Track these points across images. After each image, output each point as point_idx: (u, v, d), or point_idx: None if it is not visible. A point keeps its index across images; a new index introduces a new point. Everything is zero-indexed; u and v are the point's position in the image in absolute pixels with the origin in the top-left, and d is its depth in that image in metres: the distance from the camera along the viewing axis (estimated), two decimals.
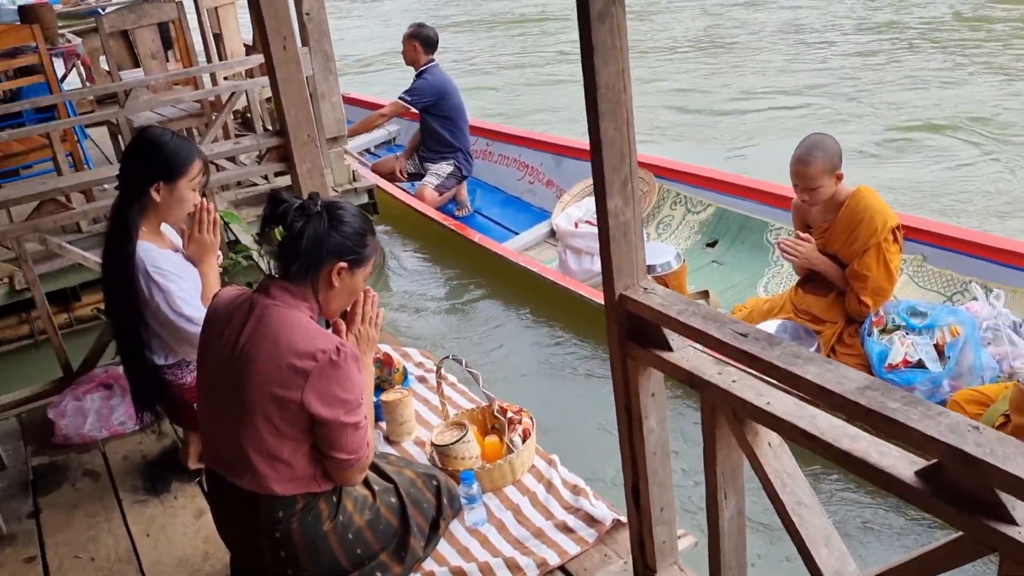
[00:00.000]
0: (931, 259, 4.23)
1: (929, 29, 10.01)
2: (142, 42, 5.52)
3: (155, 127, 2.83)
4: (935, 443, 1.36)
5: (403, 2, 17.04)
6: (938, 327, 3.50)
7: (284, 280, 2.16)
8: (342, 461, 2.15)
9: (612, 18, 1.72)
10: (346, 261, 2.17)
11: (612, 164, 1.83)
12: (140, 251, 2.69)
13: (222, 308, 2.23)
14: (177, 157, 2.72)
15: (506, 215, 6.36)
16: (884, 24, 10.50)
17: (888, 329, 3.58)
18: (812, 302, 3.87)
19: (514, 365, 4.64)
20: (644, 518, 2.21)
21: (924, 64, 8.92)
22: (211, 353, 2.22)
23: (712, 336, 1.75)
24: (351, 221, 2.18)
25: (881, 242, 3.56)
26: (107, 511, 3.02)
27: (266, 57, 3.60)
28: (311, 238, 2.11)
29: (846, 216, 3.63)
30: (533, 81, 10.60)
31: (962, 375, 3.41)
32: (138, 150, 2.74)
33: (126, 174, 2.75)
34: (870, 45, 9.74)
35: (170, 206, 2.77)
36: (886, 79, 8.48)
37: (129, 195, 2.72)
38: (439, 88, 6.18)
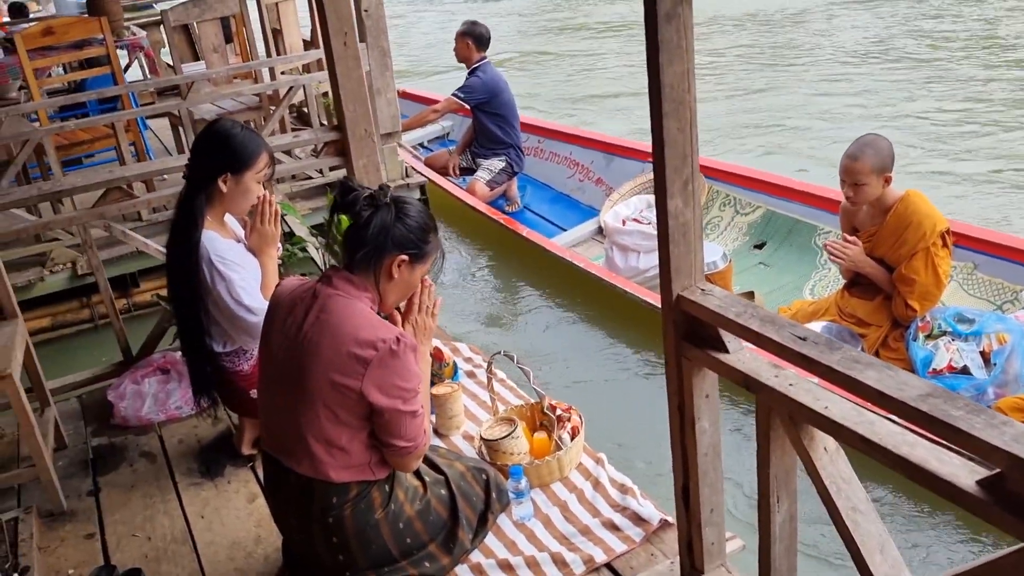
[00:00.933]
0: (982, 267, 4.18)
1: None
2: (204, 36, 5.64)
3: (224, 120, 2.89)
4: (998, 452, 1.35)
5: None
6: (985, 334, 3.46)
7: (347, 271, 2.22)
8: (400, 448, 2.20)
9: (679, 18, 1.73)
10: (407, 254, 2.22)
11: (674, 164, 1.84)
12: (205, 240, 2.75)
13: (286, 297, 2.29)
14: (245, 149, 2.78)
15: (555, 212, 6.39)
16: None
17: (934, 335, 3.56)
18: (858, 305, 3.85)
19: (561, 361, 4.65)
20: (693, 519, 2.21)
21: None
22: (274, 340, 2.27)
23: (771, 339, 1.75)
24: (416, 216, 2.23)
25: (930, 246, 3.54)
26: (163, 492, 3.09)
27: (326, 52, 3.66)
28: (377, 227, 2.17)
29: (894, 220, 3.61)
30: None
31: (1008, 383, 3.37)
32: (208, 141, 2.81)
33: (195, 164, 2.81)
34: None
35: (236, 197, 2.83)
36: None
37: (197, 185, 2.79)
38: (491, 86, 6.22)
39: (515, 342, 4.89)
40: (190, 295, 2.79)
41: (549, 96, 9.76)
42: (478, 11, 14.28)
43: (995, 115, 7.62)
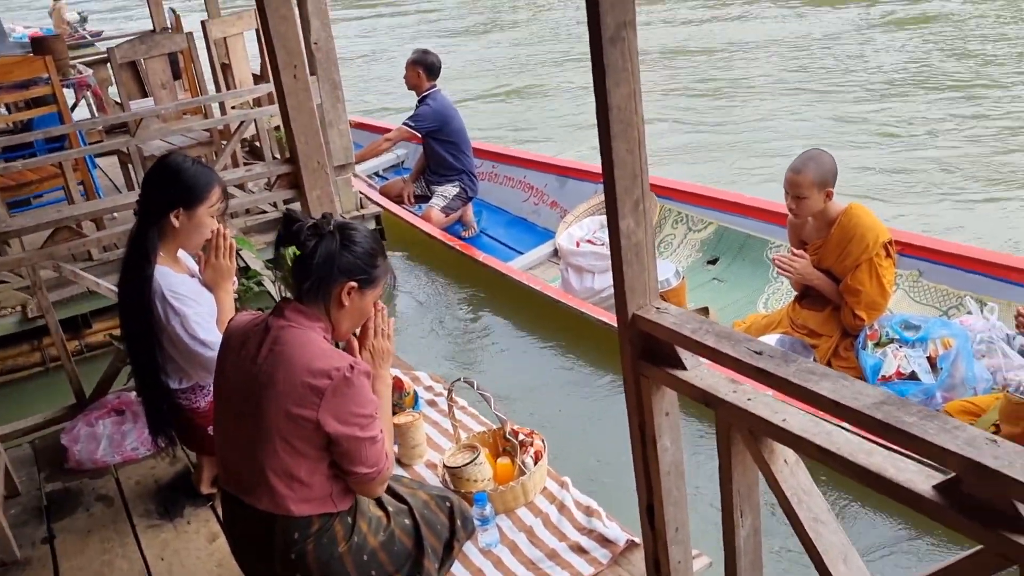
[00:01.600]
0: (927, 274, 4.29)
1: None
2: (153, 72, 5.59)
3: (176, 154, 2.87)
4: (953, 456, 1.37)
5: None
6: (931, 340, 3.56)
7: (298, 302, 2.20)
8: (363, 475, 2.18)
9: (624, 42, 1.75)
10: (357, 280, 2.20)
11: (624, 184, 1.85)
12: (158, 275, 2.72)
13: (238, 331, 2.26)
14: (197, 184, 2.76)
15: (511, 235, 6.43)
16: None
17: (882, 342, 3.65)
18: (808, 316, 3.95)
19: (521, 385, 4.65)
20: (659, 538, 2.21)
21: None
22: (227, 375, 2.24)
23: (727, 354, 1.76)
24: (362, 242, 2.21)
25: (873, 257, 3.64)
26: (121, 536, 3.02)
27: (276, 86, 3.65)
28: (323, 256, 2.15)
29: (838, 233, 3.71)
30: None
31: (955, 387, 3.46)
32: (159, 176, 2.78)
33: (146, 200, 2.78)
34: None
35: (189, 232, 2.80)
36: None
37: (148, 220, 2.76)
38: (442, 114, 6.27)
39: (476, 368, 4.88)
40: (144, 332, 2.74)
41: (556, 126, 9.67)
42: (465, 45, 14.28)
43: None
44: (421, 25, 16.54)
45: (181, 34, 5.69)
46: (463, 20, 16.27)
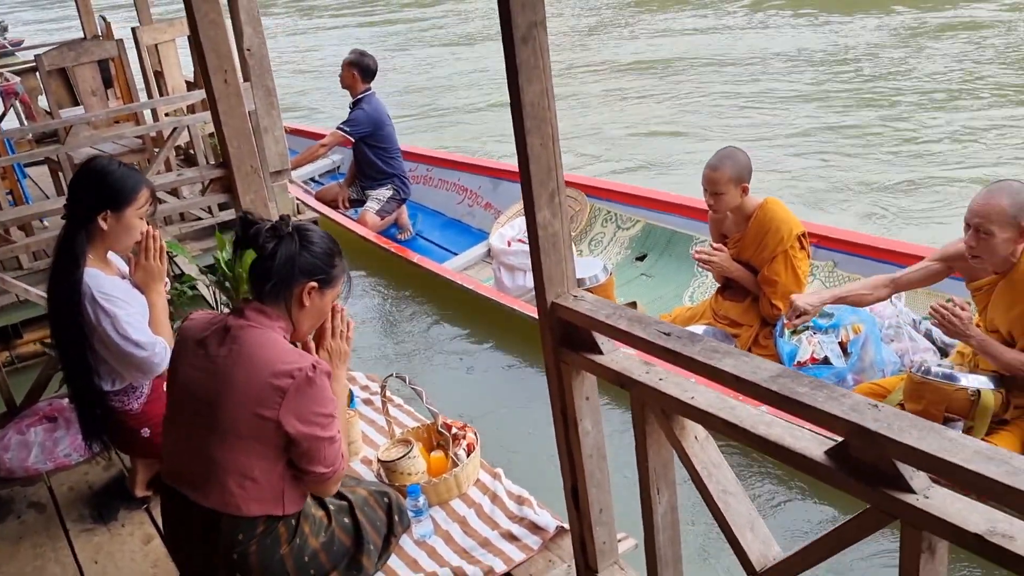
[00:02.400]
0: (841, 264, 4.54)
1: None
2: (82, 79, 5.53)
3: (101, 157, 2.87)
4: (839, 421, 1.48)
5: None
6: (842, 326, 3.77)
7: (258, 301, 2.23)
8: (321, 475, 2.21)
9: (535, 40, 1.83)
10: (316, 281, 2.25)
11: (539, 178, 1.93)
12: (87, 278, 2.72)
13: (196, 330, 2.28)
14: (125, 186, 2.77)
15: (446, 237, 6.52)
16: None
17: (798, 330, 3.84)
18: (729, 307, 4.14)
19: (457, 381, 4.74)
20: (584, 519, 2.29)
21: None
22: (182, 374, 2.25)
23: (638, 336, 1.85)
24: (320, 242, 2.27)
25: (788, 249, 3.85)
26: (53, 541, 3.01)
27: (207, 91, 3.67)
28: (283, 257, 2.19)
29: (755, 226, 3.91)
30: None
31: (864, 369, 3.66)
32: (86, 179, 2.78)
33: (73, 203, 2.78)
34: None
35: (117, 234, 2.80)
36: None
37: (76, 224, 2.76)
38: (375, 118, 6.33)
39: (412, 366, 4.94)
40: (75, 335, 2.74)
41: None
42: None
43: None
44: (413, 33, 16.27)
45: (112, 41, 5.64)
46: (459, 28, 16.02)
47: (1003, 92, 8.54)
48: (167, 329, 2.89)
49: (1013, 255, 3.02)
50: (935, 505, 1.42)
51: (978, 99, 8.45)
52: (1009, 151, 7.18)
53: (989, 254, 3.02)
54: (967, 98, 8.52)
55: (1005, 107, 8.19)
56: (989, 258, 3.04)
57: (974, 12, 11.42)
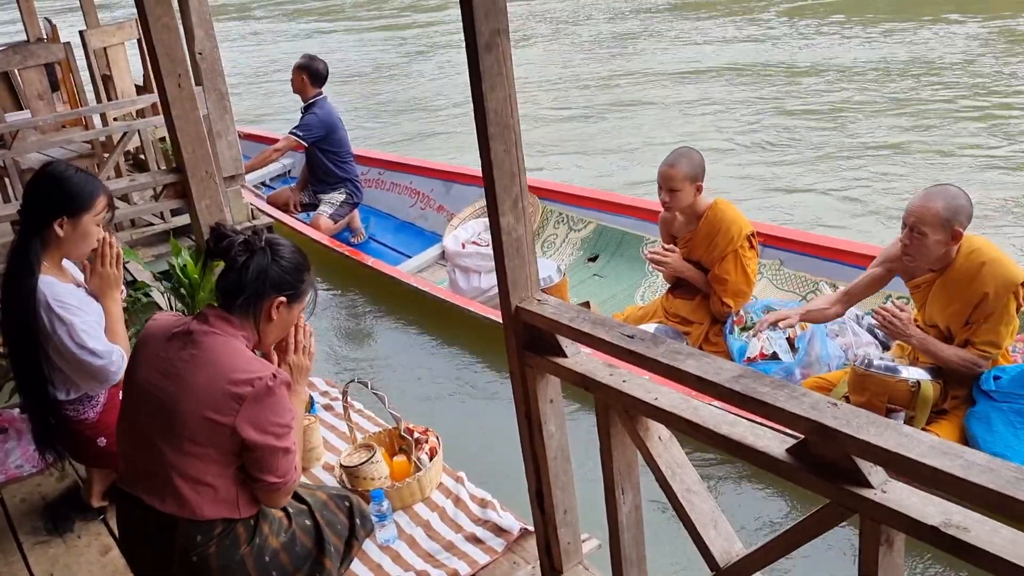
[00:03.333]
0: (787, 263, 4.67)
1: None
2: (29, 83, 5.42)
3: (58, 162, 2.82)
4: (800, 420, 1.52)
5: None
6: None
7: (224, 310, 2.22)
8: (270, 484, 2.20)
9: (498, 47, 1.85)
10: (285, 295, 2.26)
11: (503, 183, 1.95)
12: (42, 285, 2.67)
13: (158, 332, 2.26)
14: (82, 192, 2.72)
15: (400, 240, 6.53)
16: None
17: (748, 327, 3.97)
18: (680, 306, 4.24)
19: (415, 385, 4.73)
20: (549, 521, 2.32)
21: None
22: (140, 375, 2.24)
23: (602, 339, 1.88)
24: (290, 257, 2.28)
25: (738, 248, 3.97)
26: (6, 555, 2.94)
27: (160, 95, 3.64)
28: (255, 271, 2.19)
29: (705, 226, 4.02)
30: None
31: (811, 364, 3.78)
32: (42, 185, 2.73)
33: (28, 209, 2.73)
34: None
35: (74, 241, 2.76)
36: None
37: (31, 230, 2.71)
38: (327, 122, 6.32)
39: (369, 371, 4.92)
40: (29, 344, 2.69)
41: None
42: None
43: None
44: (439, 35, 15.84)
45: (58, 44, 5.53)
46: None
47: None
48: (123, 337, 2.86)
49: (948, 255, 3.17)
50: (892, 499, 1.47)
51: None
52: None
53: (922, 254, 3.18)
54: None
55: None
56: (922, 258, 3.20)
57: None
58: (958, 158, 7.24)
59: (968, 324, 3.19)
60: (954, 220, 3.07)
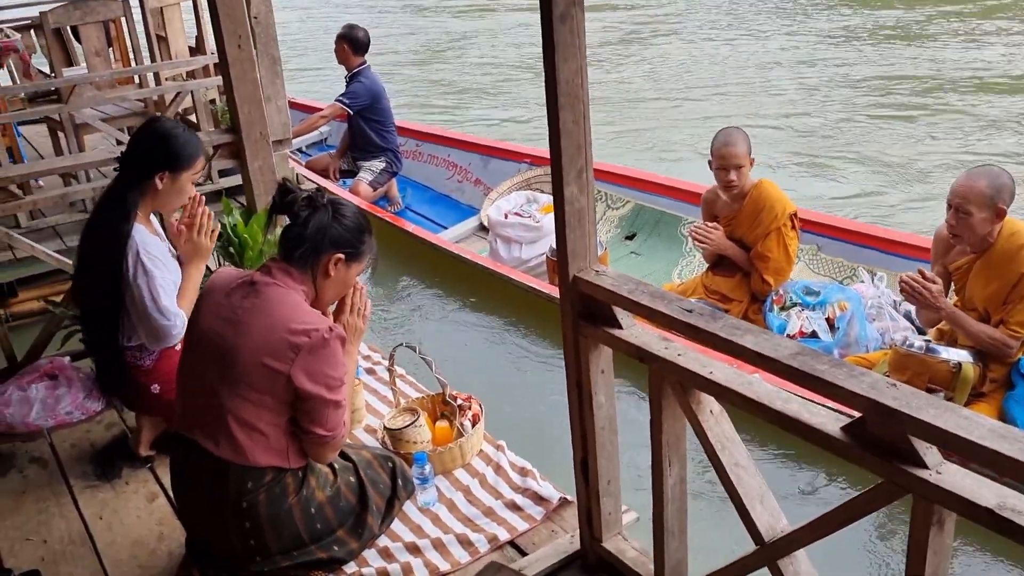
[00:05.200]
0: (824, 248, 4.71)
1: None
2: (87, 38, 5.50)
3: (166, 118, 2.93)
4: (859, 398, 1.54)
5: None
6: (829, 303, 3.94)
7: (286, 263, 2.31)
8: (319, 437, 2.27)
9: (573, 19, 1.88)
10: (344, 253, 2.34)
11: (569, 154, 1.98)
12: (135, 233, 2.78)
13: (221, 284, 2.36)
14: (185, 149, 2.83)
15: (435, 211, 6.60)
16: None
17: (787, 306, 4.01)
18: (721, 283, 4.31)
19: (457, 352, 4.78)
20: (592, 490, 2.36)
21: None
22: (203, 323, 2.32)
23: (661, 312, 1.91)
24: (352, 217, 2.36)
25: (781, 227, 4.04)
26: (57, 496, 3.03)
27: (220, 56, 3.69)
28: (316, 226, 2.28)
29: (750, 204, 4.10)
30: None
31: (849, 344, 3.84)
32: (150, 138, 2.83)
33: (132, 159, 2.83)
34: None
35: (170, 196, 2.87)
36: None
37: (132, 179, 2.81)
38: (373, 91, 6.37)
39: (408, 337, 4.98)
40: (112, 288, 2.78)
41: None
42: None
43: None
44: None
45: (116, 2, 5.59)
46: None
47: None
48: (191, 307, 2.94)
49: (990, 235, 3.24)
50: (947, 480, 1.49)
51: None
52: None
53: (968, 232, 3.24)
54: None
55: None
56: (968, 236, 3.26)
57: None
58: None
59: (1005, 304, 3.24)
60: (997, 198, 3.14)
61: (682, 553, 2.23)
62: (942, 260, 3.48)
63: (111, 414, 3.47)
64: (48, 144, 6.22)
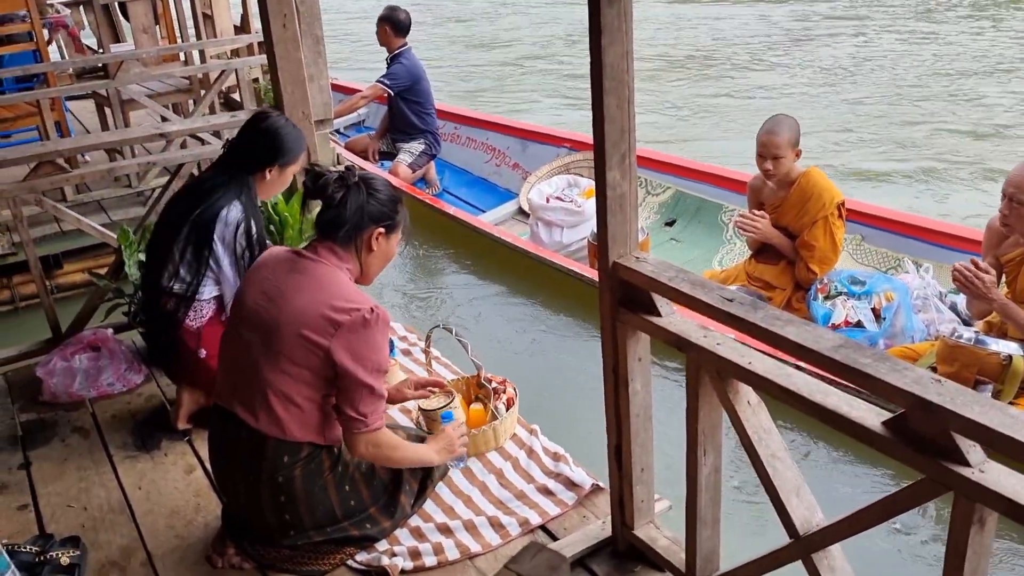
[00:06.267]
0: (869, 238, 4.67)
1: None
2: (135, 15, 5.57)
3: (276, 114, 3.08)
4: (902, 393, 1.52)
5: None
6: (875, 293, 3.90)
7: (331, 242, 2.34)
8: (353, 421, 2.28)
9: (620, 3, 1.86)
10: (383, 226, 2.38)
11: (613, 139, 1.97)
12: (249, 212, 2.94)
13: (270, 260, 2.43)
14: (295, 146, 3.01)
15: (473, 195, 6.62)
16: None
17: (831, 295, 3.98)
18: (764, 270, 4.29)
19: (493, 335, 4.80)
20: (625, 477, 2.35)
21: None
22: (250, 296, 2.37)
23: (701, 300, 1.89)
24: (384, 190, 2.39)
25: (828, 216, 4.01)
26: (97, 465, 3.09)
27: (265, 34, 3.71)
28: (354, 205, 2.32)
29: (797, 193, 4.06)
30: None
31: (895, 335, 3.81)
32: (261, 134, 2.98)
33: (243, 152, 2.97)
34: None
35: (274, 186, 3.06)
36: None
37: (241, 170, 2.96)
38: (414, 72, 6.38)
39: (445, 319, 5.01)
40: (201, 260, 2.91)
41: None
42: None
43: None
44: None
45: None
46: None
47: None
48: None
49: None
50: (990, 479, 1.46)
51: None
52: None
53: (1021, 223, 3.25)
54: None
55: None
56: (1021, 227, 3.27)
57: None
58: None
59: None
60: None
61: (714, 543, 2.21)
62: (994, 251, 3.44)
63: (151, 387, 3.53)
64: (94, 119, 6.32)
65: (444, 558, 2.49)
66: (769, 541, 2.01)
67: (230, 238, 2.91)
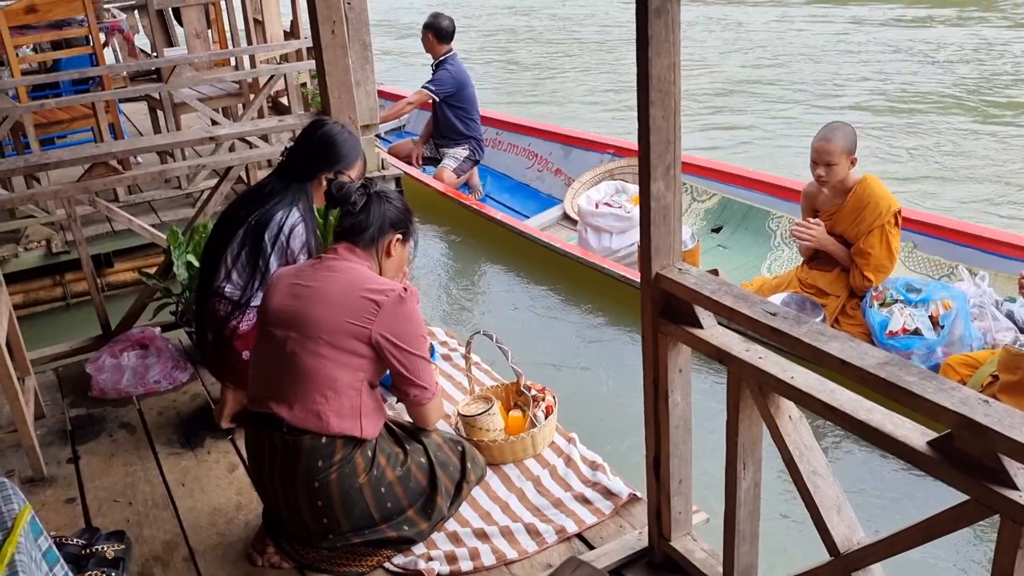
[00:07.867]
0: (921, 246, 4.63)
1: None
2: (188, 20, 5.69)
3: (334, 123, 3.12)
4: (948, 413, 1.50)
5: None
6: (932, 301, 3.89)
7: (353, 244, 2.46)
8: (418, 395, 2.45)
9: (668, 14, 1.86)
10: (401, 233, 2.53)
11: (658, 150, 1.97)
12: (306, 217, 3.01)
13: (287, 272, 2.55)
14: (351, 154, 3.06)
15: (516, 200, 6.65)
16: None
17: (887, 303, 3.97)
18: (818, 277, 4.26)
19: (533, 342, 4.80)
20: (663, 489, 2.34)
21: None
22: (274, 308, 2.45)
23: (744, 314, 1.88)
24: (399, 201, 2.57)
25: (885, 224, 3.98)
26: (143, 461, 3.16)
27: (314, 40, 3.75)
28: (376, 212, 2.47)
29: (854, 200, 4.04)
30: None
31: (953, 343, 3.78)
32: (319, 142, 3.04)
33: (304, 158, 3.03)
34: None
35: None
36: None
37: (298, 176, 3.03)
38: (459, 79, 6.42)
39: (488, 324, 5.02)
40: (256, 261, 2.95)
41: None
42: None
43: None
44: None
45: None
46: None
47: None
48: None
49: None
50: None
51: None
52: None
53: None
54: None
55: None
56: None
57: None
58: None
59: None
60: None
61: (752, 558, 2.20)
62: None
63: (196, 385, 3.59)
64: (147, 122, 6.45)
65: (480, 563, 2.51)
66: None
67: (283, 243, 2.96)
